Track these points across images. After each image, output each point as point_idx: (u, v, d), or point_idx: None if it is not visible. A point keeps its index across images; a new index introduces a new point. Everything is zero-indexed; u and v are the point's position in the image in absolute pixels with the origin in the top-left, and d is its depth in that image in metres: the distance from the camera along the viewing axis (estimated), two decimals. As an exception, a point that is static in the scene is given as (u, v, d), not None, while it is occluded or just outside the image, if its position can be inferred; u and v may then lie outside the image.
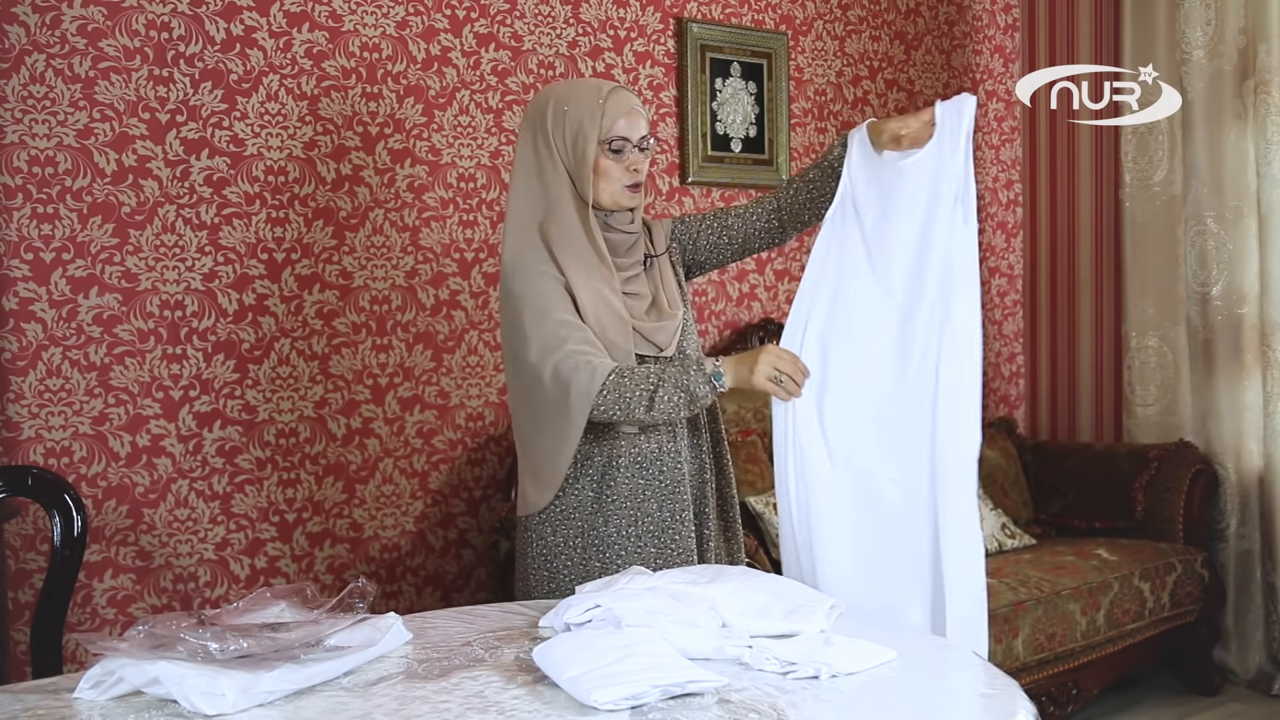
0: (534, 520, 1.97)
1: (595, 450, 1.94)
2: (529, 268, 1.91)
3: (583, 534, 1.94)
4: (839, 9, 4.00)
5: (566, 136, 1.94)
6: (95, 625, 2.67)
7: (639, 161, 1.95)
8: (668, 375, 1.84)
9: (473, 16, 3.19)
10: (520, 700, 1.30)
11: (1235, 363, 3.63)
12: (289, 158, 2.91)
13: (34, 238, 2.62)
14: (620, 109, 1.93)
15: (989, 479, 3.71)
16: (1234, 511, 3.65)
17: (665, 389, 1.82)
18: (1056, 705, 3.09)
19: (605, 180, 1.94)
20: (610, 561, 1.92)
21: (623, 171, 1.94)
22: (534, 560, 1.96)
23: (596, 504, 1.93)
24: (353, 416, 3.01)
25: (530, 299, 1.89)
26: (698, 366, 1.85)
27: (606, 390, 1.82)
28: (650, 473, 1.95)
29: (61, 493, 2.14)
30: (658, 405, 1.82)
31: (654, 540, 1.94)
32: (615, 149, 1.92)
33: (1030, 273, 4.49)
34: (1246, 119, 3.59)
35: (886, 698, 1.33)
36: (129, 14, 2.71)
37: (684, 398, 1.83)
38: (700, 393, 1.84)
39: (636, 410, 1.82)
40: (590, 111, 1.92)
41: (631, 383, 1.83)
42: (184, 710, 1.27)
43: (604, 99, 1.93)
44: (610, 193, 1.95)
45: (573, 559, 1.94)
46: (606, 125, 1.92)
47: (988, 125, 4.45)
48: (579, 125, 1.92)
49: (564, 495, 1.94)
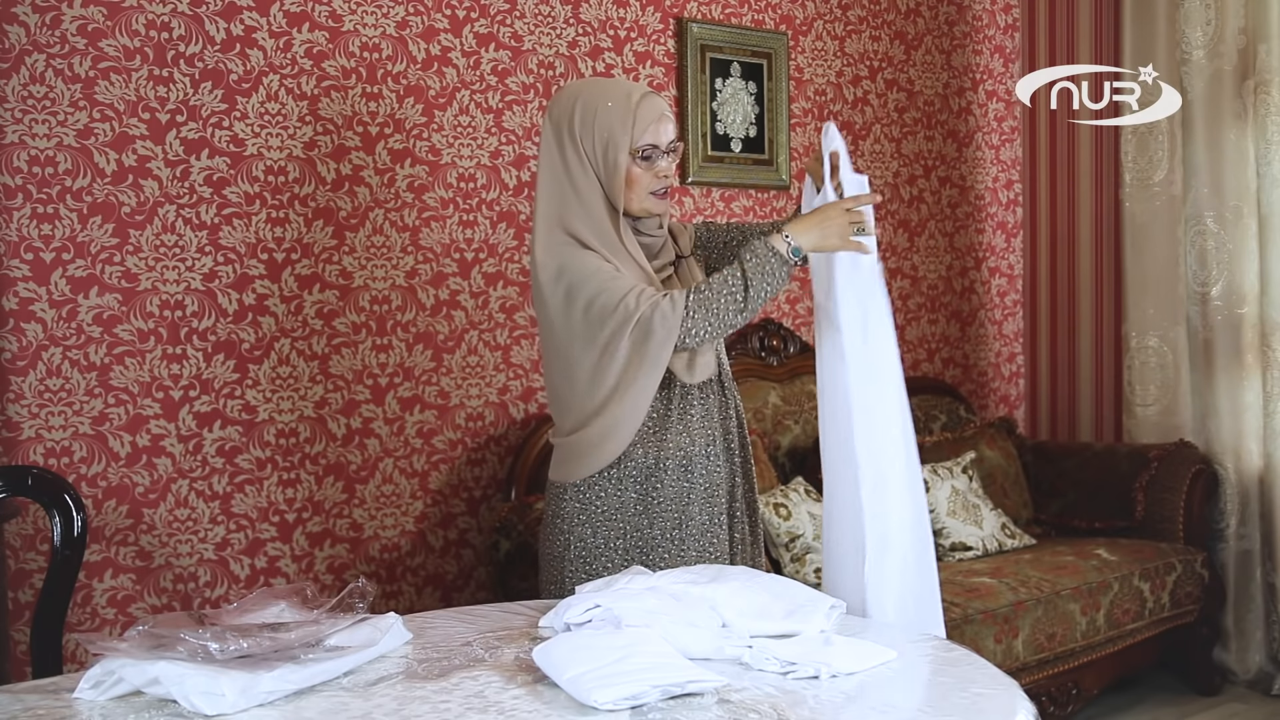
0: (569, 519, 1.94)
1: (640, 452, 1.92)
2: (568, 249, 1.90)
3: (625, 535, 1.92)
4: (839, 9, 3.99)
5: (597, 144, 1.91)
6: (95, 625, 2.67)
7: (667, 168, 1.95)
8: (750, 269, 1.84)
9: (473, 16, 3.19)
10: (520, 700, 1.30)
11: (1235, 363, 3.63)
12: (289, 158, 2.91)
13: (34, 238, 2.62)
14: (651, 116, 1.92)
15: (989, 479, 3.71)
16: (1234, 511, 3.65)
17: (754, 286, 1.84)
18: (1056, 705, 3.09)
19: (635, 188, 1.92)
20: (654, 565, 1.90)
21: (652, 179, 1.93)
22: (572, 563, 1.93)
23: (641, 505, 1.92)
24: (353, 416, 3.01)
25: (580, 269, 1.87)
26: (772, 252, 1.85)
27: (691, 310, 1.83)
28: (694, 475, 1.95)
29: (61, 493, 2.14)
30: (751, 303, 1.85)
31: (695, 543, 1.93)
32: (646, 156, 1.91)
33: (1030, 273, 4.49)
34: (1246, 119, 3.59)
35: (886, 698, 1.33)
36: (129, 14, 2.71)
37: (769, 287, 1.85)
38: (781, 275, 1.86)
39: (728, 315, 1.84)
40: (622, 119, 1.90)
41: (713, 293, 1.84)
42: (184, 710, 1.27)
43: (635, 106, 1.90)
44: (639, 200, 1.94)
45: (614, 561, 1.92)
46: (638, 134, 1.90)
47: (988, 125, 4.45)
48: (610, 133, 1.90)
49: (606, 497, 1.92)
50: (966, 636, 2.81)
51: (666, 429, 1.93)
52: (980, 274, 4.43)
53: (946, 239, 4.32)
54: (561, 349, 1.92)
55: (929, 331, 4.29)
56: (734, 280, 1.84)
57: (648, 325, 1.82)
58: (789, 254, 1.85)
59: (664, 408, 1.94)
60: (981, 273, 4.43)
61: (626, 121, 1.89)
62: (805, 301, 3.87)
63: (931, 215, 4.28)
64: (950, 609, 2.88)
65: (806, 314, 3.87)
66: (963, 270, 4.38)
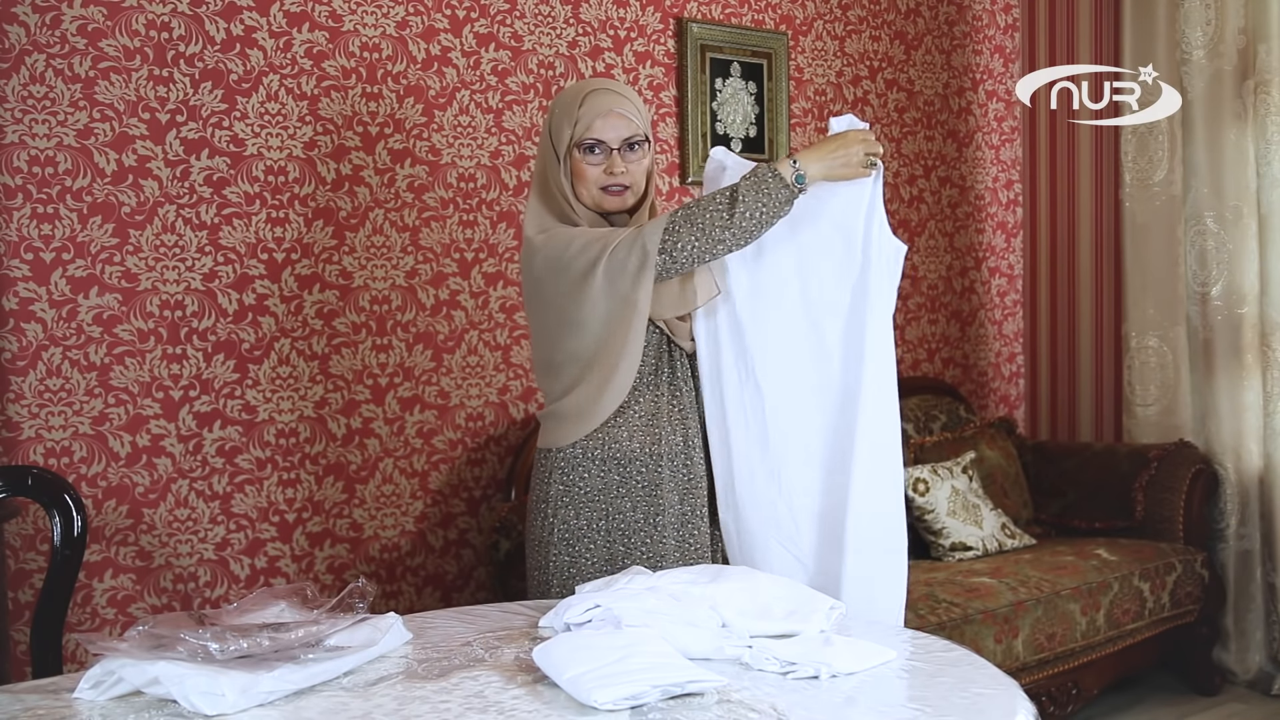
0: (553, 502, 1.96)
1: (625, 435, 1.94)
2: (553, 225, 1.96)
3: (607, 518, 1.95)
4: (839, 9, 3.99)
5: (552, 135, 1.99)
6: (95, 625, 2.67)
7: (615, 164, 1.95)
8: (743, 189, 1.83)
9: (473, 16, 3.19)
10: (520, 700, 1.30)
11: (1235, 363, 3.63)
12: (289, 158, 2.91)
13: (34, 238, 2.62)
14: (597, 110, 1.94)
15: (989, 479, 3.72)
16: (1234, 511, 3.65)
17: (744, 201, 1.82)
18: (1056, 705, 3.09)
19: (582, 181, 1.97)
20: (634, 549, 1.93)
21: (601, 174, 1.95)
22: (555, 546, 1.96)
23: (624, 489, 1.94)
24: (353, 416, 3.01)
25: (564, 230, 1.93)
26: (772, 172, 1.84)
27: (676, 224, 1.83)
28: (676, 465, 1.98)
29: (61, 493, 2.14)
30: (739, 219, 1.82)
31: (674, 533, 1.96)
32: (587, 149, 1.94)
33: (1030, 273, 4.49)
34: (1246, 119, 3.59)
35: (886, 698, 1.34)
36: (129, 14, 2.71)
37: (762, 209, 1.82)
38: (780, 198, 1.83)
39: (713, 231, 1.81)
40: (569, 112, 1.96)
41: (699, 206, 1.84)
42: (184, 710, 1.27)
43: (581, 100, 1.96)
44: (589, 194, 1.97)
45: (595, 542, 1.95)
46: (581, 128, 1.94)
47: (988, 125, 4.45)
48: (559, 124, 1.97)
49: (590, 478, 1.95)
50: (966, 636, 2.81)
51: (657, 419, 1.95)
52: (980, 274, 4.43)
53: (946, 239, 4.32)
54: (549, 305, 1.94)
55: (929, 331, 4.29)
56: (722, 194, 1.84)
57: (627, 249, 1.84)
58: (792, 178, 1.84)
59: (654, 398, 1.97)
60: (981, 273, 4.43)
61: (572, 114, 1.95)
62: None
63: (931, 215, 4.28)
64: (950, 609, 2.88)
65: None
66: (963, 270, 4.38)
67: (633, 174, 1.96)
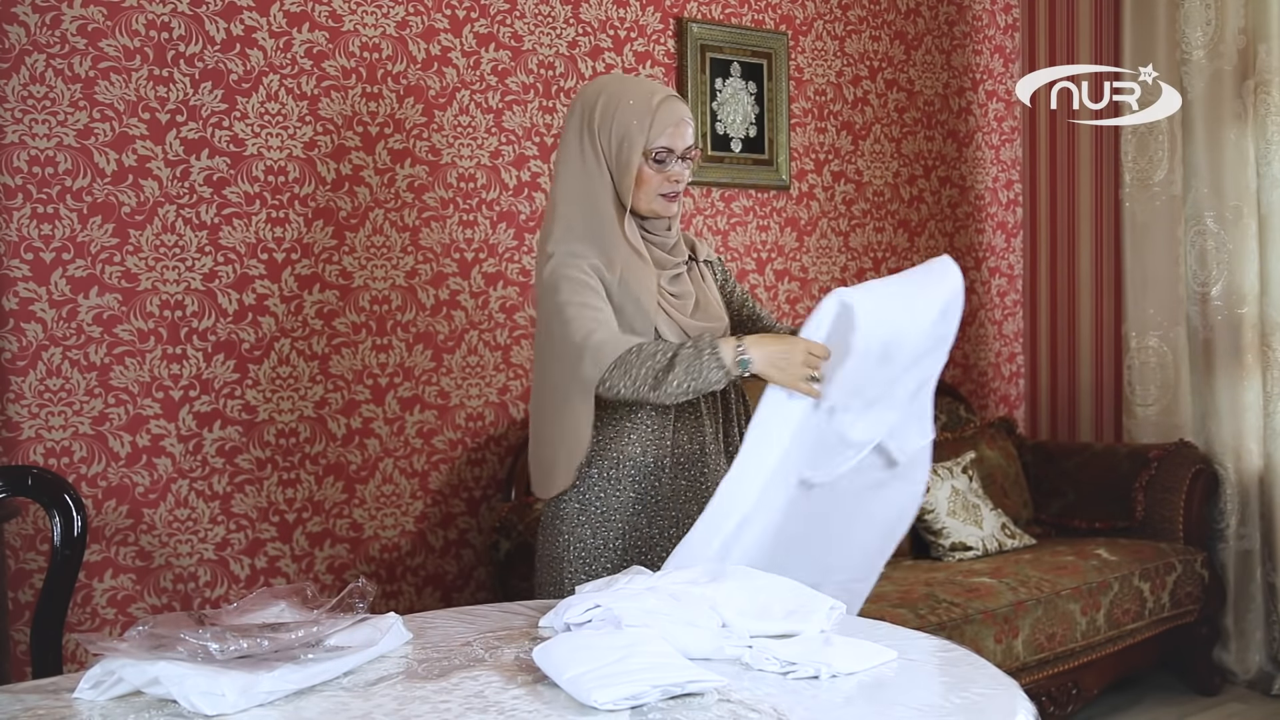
0: (568, 520, 1.95)
1: (639, 450, 1.93)
2: (573, 260, 1.90)
3: (624, 535, 1.92)
4: (839, 9, 3.99)
5: (613, 140, 1.93)
6: (95, 625, 2.67)
7: (680, 172, 1.96)
8: (681, 357, 1.79)
9: (473, 16, 3.19)
10: (520, 700, 1.30)
11: (1235, 363, 3.63)
12: (289, 158, 2.91)
13: (34, 238, 2.62)
14: (669, 119, 1.93)
15: (989, 479, 3.72)
16: (1234, 511, 3.65)
17: (675, 373, 1.78)
18: (1056, 705, 3.09)
19: (644, 188, 1.94)
20: (653, 564, 1.89)
21: (662, 181, 1.95)
22: (571, 564, 1.94)
23: (639, 505, 1.92)
24: (353, 416, 3.01)
25: (573, 291, 1.88)
26: (714, 355, 1.78)
27: (620, 362, 1.81)
28: (692, 474, 1.95)
29: (61, 493, 2.14)
30: (665, 389, 1.79)
31: None
32: (658, 159, 1.93)
33: (1030, 273, 4.49)
34: (1246, 119, 3.59)
35: (886, 698, 1.33)
36: (129, 14, 2.71)
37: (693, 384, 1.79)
38: (713, 379, 1.79)
39: (641, 388, 1.80)
40: (640, 118, 1.92)
41: (639, 360, 1.80)
42: (184, 710, 1.27)
43: (655, 107, 1.92)
44: (647, 200, 1.96)
45: (613, 561, 1.92)
46: (654, 135, 1.92)
47: (988, 125, 4.45)
48: (626, 131, 1.92)
49: (605, 497, 1.93)
50: (966, 636, 2.81)
51: (665, 428, 1.94)
52: (980, 274, 4.43)
53: (946, 239, 4.31)
54: (543, 336, 1.97)
55: (929, 331, 4.28)
56: (663, 354, 1.80)
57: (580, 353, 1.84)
58: (734, 363, 1.78)
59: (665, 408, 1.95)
60: (981, 273, 4.43)
61: (645, 121, 1.91)
62: (806, 302, 3.87)
63: (931, 215, 4.28)
64: (950, 609, 2.88)
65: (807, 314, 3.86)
66: (962, 270, 4.37)
67: (685, 179, 1.99)
